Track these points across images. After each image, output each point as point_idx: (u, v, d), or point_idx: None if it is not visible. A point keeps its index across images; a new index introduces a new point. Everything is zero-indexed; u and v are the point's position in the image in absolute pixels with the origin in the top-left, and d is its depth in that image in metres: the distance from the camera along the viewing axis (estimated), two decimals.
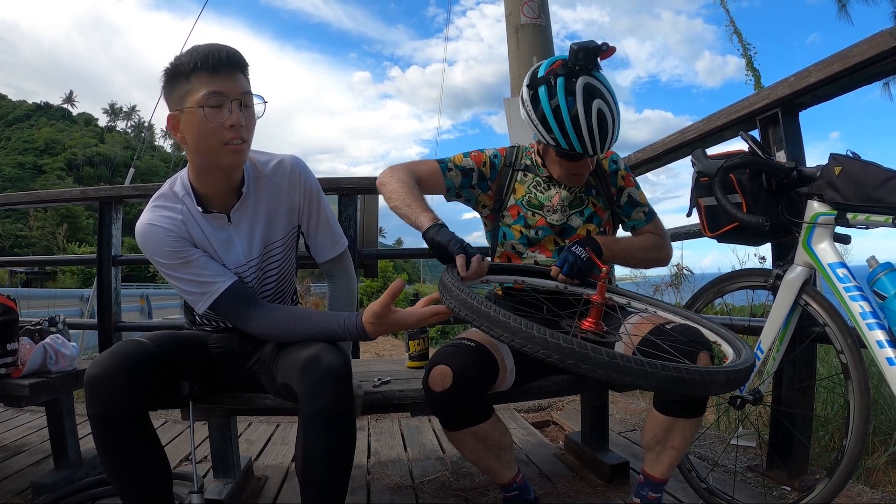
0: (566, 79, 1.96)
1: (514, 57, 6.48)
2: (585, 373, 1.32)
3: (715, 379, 1.38)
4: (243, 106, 1.72)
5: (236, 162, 1.77)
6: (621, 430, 3.39)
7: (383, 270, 20.54)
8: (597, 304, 1.76)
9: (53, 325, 2.60)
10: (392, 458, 3.05)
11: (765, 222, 1.82)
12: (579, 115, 1.93)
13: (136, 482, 1.66)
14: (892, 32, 1.96)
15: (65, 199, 4.85)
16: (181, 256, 1.80)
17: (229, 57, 1.70)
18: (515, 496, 2.09)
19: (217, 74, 1.67)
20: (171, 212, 1.82)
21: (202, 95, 1.66)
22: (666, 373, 1.29)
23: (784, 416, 2.41)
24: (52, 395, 2.44)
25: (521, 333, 1.37)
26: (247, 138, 1.75)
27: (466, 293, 1.57)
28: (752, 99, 2.57)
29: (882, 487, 2.47)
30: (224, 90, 1.68)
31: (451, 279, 1.66)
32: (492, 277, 2.02)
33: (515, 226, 2.24)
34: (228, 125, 1.68)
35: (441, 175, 2.23)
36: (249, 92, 1.76)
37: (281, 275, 2.03)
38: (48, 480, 2.48)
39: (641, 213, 2.31)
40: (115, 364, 1.60)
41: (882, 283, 1.70)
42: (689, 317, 1.97)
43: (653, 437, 1.91)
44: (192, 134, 1.72)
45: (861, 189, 1.72)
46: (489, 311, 1.46)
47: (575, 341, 1.31)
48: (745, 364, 1.50)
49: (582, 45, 1.95)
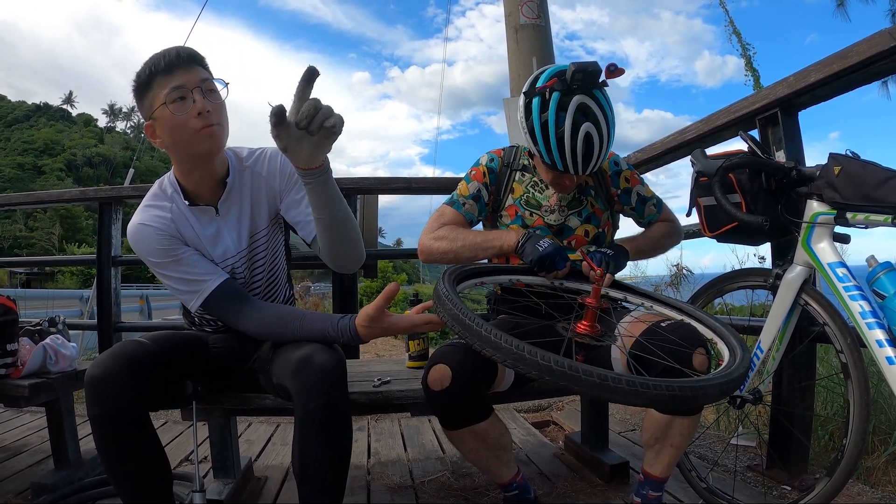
0: (562, 95, 1.93)
1: (514, 57, 6.49)
2: (579, 393, 1.32)
3: (708, 392, 1.38)
4: (206, 91, 1.76)
5: (213, 146, 1.80)
6: (621, 430, 3.39)
7: (383, 271, 20.54)
8: (591, 308, 1.75)
9: (53, 325, 2.60)
10: (392, 458, 3.04)
11: (764, 222, 1.82)
12: (565, 136, 1.91)
13: (137, 482, 1.66)
14: (891, 32, 1.96)
15: (64, 199, 4.86)
16: (172, 254, 1.85)
17: (179, 54, 1.75)
18: (515, 496, 2.08)
19: (173, 72, 1.73)
20: (161, 210, 1.88)
21: (164, 94, 1.72)
22: (658, 391, 1.28)
23: (784, 416, 2.41)
24: (51, 396, 2.43)
25: (512, 354, 1.35)
26: (217, 121, 1.77)
27: (460, 308, 1.54)
28: (751, 99, 2.57)
29: (882, 487, 2.47)
30: (182, 83, 1.72)
31: (446, 291, 1.64)
32: (487, 279, 2.01)
33: (513, 226, 2.23)
34: (196, 113, 1.72)
35: (461, 216, 2.24)
36: (209, 78, 1.80)
37: (269, 266, 2.04)
38: (48, 481, 2.48)
39: (652, 206, 2.31)
40: (115, 364, 1.61)
41: (881, 283, 1.70)
42: (686, 310, 1.96)
43: (651, 436, 1.91)
44: (166, 133, 1.78)
45: (860, 189, 1.72)
46: (480, 329, 1.44)
47: (567, 363, 1.30)
48: (738, 372, 1.48)
49: (581, 66, 1.91)
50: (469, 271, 1.91)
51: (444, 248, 2.15)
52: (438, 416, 1.94)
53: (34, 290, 19.87)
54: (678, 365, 1.66)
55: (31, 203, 4.94)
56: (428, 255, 2.23)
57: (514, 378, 2.01)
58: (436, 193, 4.08)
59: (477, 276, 1.94)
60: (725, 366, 1.55)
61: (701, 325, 1.86)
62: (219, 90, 1.81)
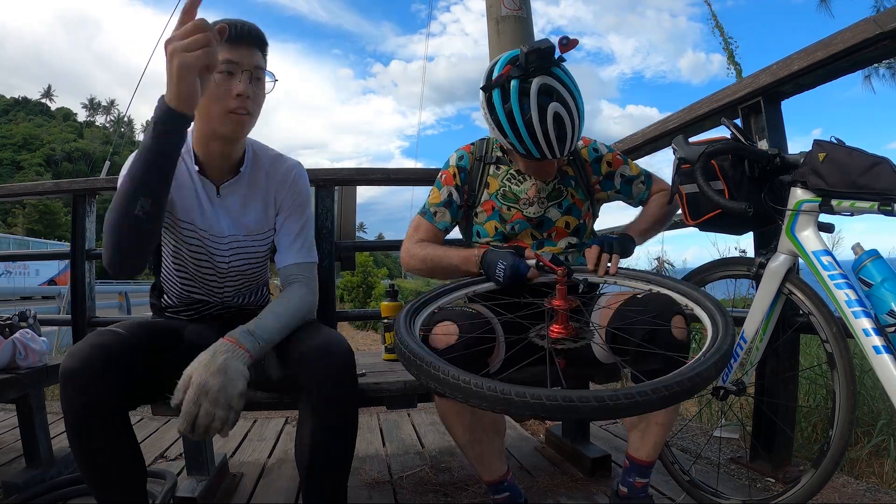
0: (520, 81, 1.87)
1: (496, 49, 6.47)
2: (580, 420, 1.26)
3: (704, 376, 1.33)
4: (254, 79, 1.75)
5: (236, 133, 1.79)
6: (602, 423, 3.35)
7: (363, 265, 20.37)
8: (560, 310, 1.67)
9: (24, 319, 2.55)
10: (370, 453, 3.01)
11: (748, 208, 1.78)
12: (533, 121, 1.85)
13: (111, 479, 1.59)
14: (876, 20, 1.94)
15: (38, 192, 4.75)
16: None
17: (250, 31, 1.76)
18: (506, 498, 2.01)
19: (234, 45, 1.70)
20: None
21: (220, 64, 1.66)
22: (660, 393, 1.24)
23: (767, 407, 2.40)
24: (21, 392, 2.40)
25: (500, 401, 1.27)
26: (251, 111, 1.77)
27: (429, 361, 1.39)
28: (734, 87, 2.54)
29: (866, 478, 2.47)
30: (238, 60, 1.72)
31: (412, 348, 1.46)
32: (445, 300, 1.88)
33: (490, 222, 2.17)
34: (235, 94, 1.71)
35: (433, 226, 2.20)
36: (263, 67, 1.80)
37: (252, 264, 2.00)
38: (19, 480, 2.43)
39: (640, 184, 2.26)
40: (91, 354, 1.53)
41: (868, 271, 1.67)
42: (653, 280, 1.92)
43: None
44: (205, 95, 1.68)
45: (846, 175, 1.69)
46: (459, 382, 1.30)
47: (559, 394, 1.21)
48: (727, 342, 1.43)
49: (533, 47, 1.85)
50: (425, 300, 1.83)
51: (419, 266, 2.16)
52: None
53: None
54: (658, 336, 1.67)
55: (5, 196, 4.83)
56: (406, 269, 2.24)
57: (504, 359, 1.89)
58: (416, 185, 4.03)
59: (434, 300, 1.85)
60: (710, 340, 1.50)
61: (675, 294, 1.81)
62: (266, 82, 1.82)
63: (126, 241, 1.56)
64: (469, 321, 1.78)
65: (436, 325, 1.77)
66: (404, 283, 17.19)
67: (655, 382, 1.24)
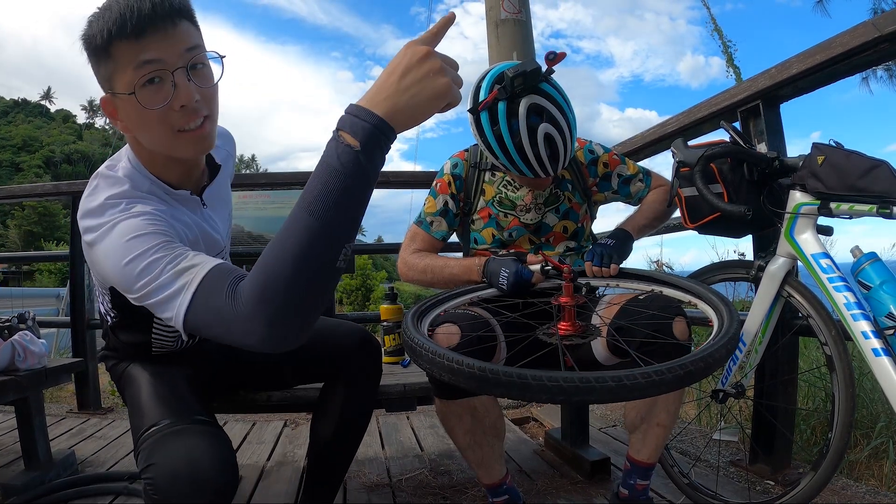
0: (508, 102, 1.81)
1: (495, 52, 6.49)
2: (596, 402, 1.27)
3: (716, 356, 1.33)
4: (192, 68, 1.25)
5: (200, 150, 1.36)
6: (602, 426, 3.36)
7: (362, 268, 20.42)
8: (567, 307, 1.67)
9: (23, 321, 2.55)
10: (369, 456, 3.00)
11: (747, 211, 1.78)
12: (524, 143, 1.81)
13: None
14: (874, 23, 1.94)
15: (37, 193, 4.75)
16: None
17: (155, 7, 1.19)
18: (505, 501, 2.01)
19: (143, 38, 1.19)
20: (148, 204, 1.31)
21: (130, 73, 1.21)
22: (675, 373, 1.23)
23: (767, 410, 2.40)
24: (20, 394, 2.39)
25: (517, 385, 1.26)
26: (207, 113, 1.30)
27: (442, 353, 1.35)
28: (733, 91, 2.54)
29: (865, 481, 2.47)
30: (158, 56, 1.20)
31: (415, 338, 1.45)
32: (449, 305, 1.89)
33: (487, 230, 2.17)
34: (178, 106, 1.24)
35: (430, 236, 2.21)
36: (198, 46, 1.27)
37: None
38: (18, 482, 2.42)
39: (639, 182, 2.24)
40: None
41: (867, 273, 1.67)
42: (656, 278, 1.93)
43: (637, 415, 1.88)
44: (133, 124, 1.30)
45: (845, 178, 1.69)
46: (474, 370, 1.27)
47: (577, 376, 1.20)
48: (734, 328, 1.42)
49: (519, 71, 1.78)
50: (431, 303, 1.82)
51: (418, 277, 2.17)
52: (437, 385, 1.87)
53: (10, 288, 19.63)
54: (661, 337, 1.67)
55: (4, 198, 4.84)
56: (405, 279, 2.25)
57: (505, 359, 1.90)
58: (415, 188, 4.04)
59: (440, 304, 1.85)
60: (717, 327, 1.50)
61: (679, 291, 1.81)
62: (210, 65, 1.31)
63: (322, 301, 1.06)
64: (470, 322, 1.79)
65: (438, 327, 1.78)
66: (403, 287, 17.21)
67: (671, 363, 1.24)
